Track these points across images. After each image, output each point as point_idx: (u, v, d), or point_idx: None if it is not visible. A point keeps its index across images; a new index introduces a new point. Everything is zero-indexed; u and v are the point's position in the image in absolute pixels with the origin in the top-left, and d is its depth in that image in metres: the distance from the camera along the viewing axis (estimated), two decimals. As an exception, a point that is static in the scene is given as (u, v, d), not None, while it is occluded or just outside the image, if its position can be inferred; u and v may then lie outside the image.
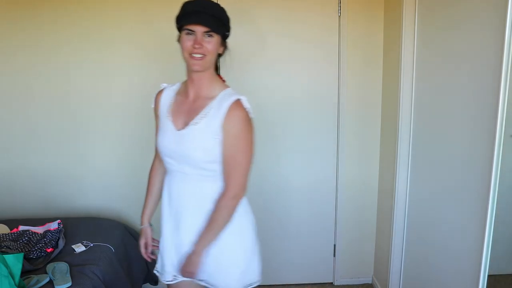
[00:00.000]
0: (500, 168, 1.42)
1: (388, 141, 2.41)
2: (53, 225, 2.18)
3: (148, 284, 2.54)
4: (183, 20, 1.29)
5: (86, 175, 2.56)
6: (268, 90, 2.49)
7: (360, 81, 2.49)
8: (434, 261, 1.93)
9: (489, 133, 1.44)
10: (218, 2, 2.38)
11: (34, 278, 1.73)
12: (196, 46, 1.28)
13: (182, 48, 1.31)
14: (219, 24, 1.31)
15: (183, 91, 1.44)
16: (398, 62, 2.16)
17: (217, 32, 1.30)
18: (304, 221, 2.66)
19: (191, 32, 1.28)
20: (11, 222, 2.25)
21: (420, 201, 2.10)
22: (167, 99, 1.45)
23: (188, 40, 1.29)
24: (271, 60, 2.47)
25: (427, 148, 2.00)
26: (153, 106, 1.50)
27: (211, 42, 1.30)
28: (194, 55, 1.29)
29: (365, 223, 2.68)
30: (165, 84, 1.50)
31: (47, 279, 1.72)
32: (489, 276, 1.52)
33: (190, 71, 1.36)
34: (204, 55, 1.30)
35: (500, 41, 1.35)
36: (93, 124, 2.50)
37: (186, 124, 1.36)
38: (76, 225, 2.27)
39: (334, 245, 2.71)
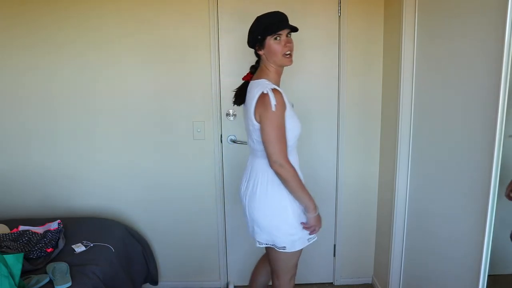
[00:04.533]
0: (500, 168, 1.42)
1: (388, 141, 2.41)
2: (53, 225, 2.18)
3: (148, 284, 2.54)
4: (274, 28, 1.63)
5: (86, 175, 2.56)
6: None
7: (360, 81, 2.49)
8: (434, 261, 1.93)
9: (489, 133, 1.44)
10: (218, 3, 2.40)
11: (34, 278, 1.73)
12: (288, 44, 1.66)
13: (274, 52, 1.65)
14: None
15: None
16: (398, 61, 2.16)
17: (293, 31, 1.69)
18: (304, 221, 2.66)
19: (279, 37, 1.64)
20: (11, 222, 2.25)
21: (420, 202, 2.10)
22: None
23: (279, 43, 1.65)
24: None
25: (427, 148, 2.00)
26: (288, 104, 1.67)
27: (292, 41, 1.70)
28: (287, 53, 1.66)
29: (365, 223, 2.68)
30: (278, 87, 1.68)
31: (47, 279, 1.72)
32: (489, 276, 1.52)
33: (279, 72, 1.74)
34: (291, 51, 1.69)
35: (500, 41, 1.35)
36: (94, 124, 2.50)
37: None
38: (76, 225, 2.27)
39: (334, 245, 2.71)
